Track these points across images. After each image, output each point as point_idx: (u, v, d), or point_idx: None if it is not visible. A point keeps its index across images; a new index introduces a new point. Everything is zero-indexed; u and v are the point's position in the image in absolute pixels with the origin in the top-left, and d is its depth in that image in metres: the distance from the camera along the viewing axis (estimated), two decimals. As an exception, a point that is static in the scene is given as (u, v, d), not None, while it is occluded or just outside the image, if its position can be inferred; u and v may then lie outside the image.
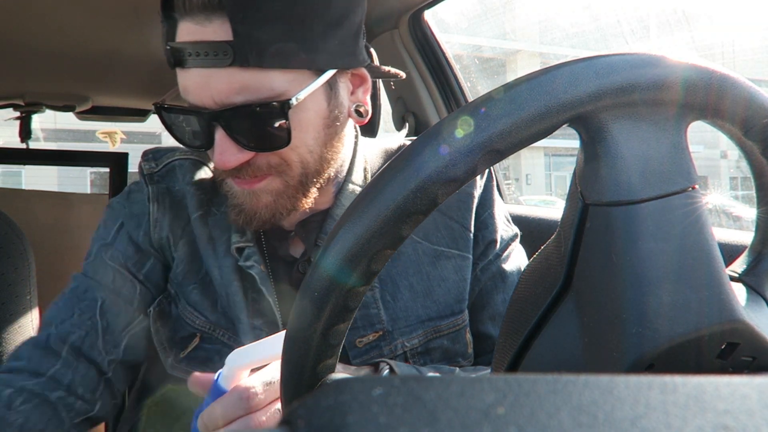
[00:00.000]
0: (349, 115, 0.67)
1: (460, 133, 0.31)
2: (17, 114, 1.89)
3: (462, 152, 0.30)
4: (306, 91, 0.58)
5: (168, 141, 0.83)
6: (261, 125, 0.57)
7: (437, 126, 0.32)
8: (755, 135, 0.35)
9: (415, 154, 0.31)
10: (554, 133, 0.32)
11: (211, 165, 0.73)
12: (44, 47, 1.36)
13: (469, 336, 0.73)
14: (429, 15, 1.32)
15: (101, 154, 2.06)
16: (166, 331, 0.70)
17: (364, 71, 0.67)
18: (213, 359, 0.68)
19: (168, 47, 0.58)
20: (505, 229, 0.76)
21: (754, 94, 0.34)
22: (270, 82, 0.56)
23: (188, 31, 0.56)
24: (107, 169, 1.95)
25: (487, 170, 0.76)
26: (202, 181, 0.72)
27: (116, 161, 1.94)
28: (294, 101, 0.57)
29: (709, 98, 0.32)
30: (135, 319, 0.70)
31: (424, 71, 1.36)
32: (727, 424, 0.15)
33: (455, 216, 0.72)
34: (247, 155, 0.59)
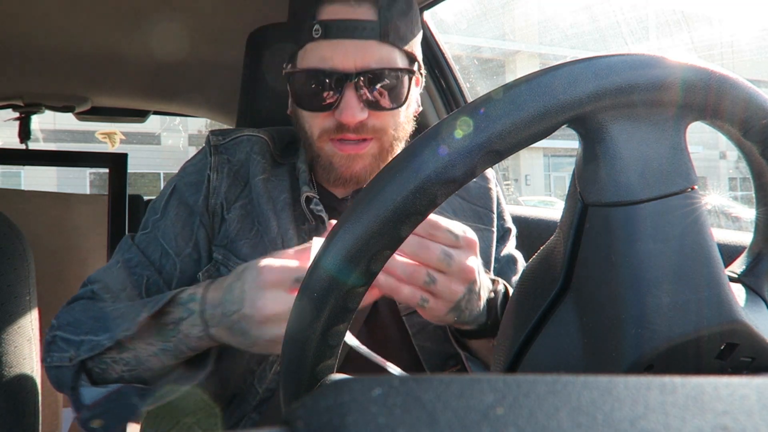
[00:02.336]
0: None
1: (459, 133, 0.30)
2: (17, 115, 1.89)
3: (461, 153, 0.30)
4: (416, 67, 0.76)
5: (167, 142, 0.83)
6: (386, 87, 0.73)
7: (436, 127, 0.32)
8: (754, 135, 0.35)
9: (414, 155, 0.31)
10: (554, 133, 0.32)
11: (272, 146, 0.86)
12: (44, 47, 1.36)
13: None
14: (428, 15, 1.32)
15: (100, 154, 2.05)
16: None
17: (419, 75, 0.82)
18: None
19: (316, 22, 0.73)
20: (511, 223, 0.91)
21: (753, 94, 0.34)
22: (396, 56, 0.74)
23: (338, 11, 0.72)
24: (106, 170, 1.95)
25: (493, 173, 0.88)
26: (265, 153, 0.85)
27: (115, 162, 1.94)
28: (416, 69, 0.75)
29: (708, 99, 0.32)
30: None
31: (423, 72, 1.36)
32: (726, 425, 0.15)
33: (478, 203, 0.86)
34: (365, 114, 0.72)
